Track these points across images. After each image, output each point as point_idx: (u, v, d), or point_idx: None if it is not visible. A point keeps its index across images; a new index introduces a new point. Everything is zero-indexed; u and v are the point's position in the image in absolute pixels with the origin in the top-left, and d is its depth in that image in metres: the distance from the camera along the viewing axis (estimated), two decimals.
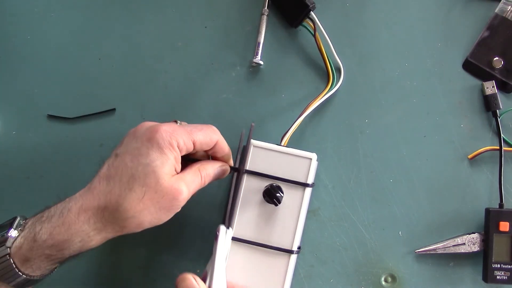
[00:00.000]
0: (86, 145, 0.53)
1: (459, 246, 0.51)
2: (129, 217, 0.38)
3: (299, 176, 0.45)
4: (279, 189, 0.44)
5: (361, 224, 0.52)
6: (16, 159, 0.53)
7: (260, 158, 0.44)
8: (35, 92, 0.54)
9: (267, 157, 0.44)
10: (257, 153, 0.45)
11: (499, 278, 0.50)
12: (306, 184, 0.45)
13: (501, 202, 0.51)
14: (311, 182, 0.45)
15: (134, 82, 0.54)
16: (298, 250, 0.46)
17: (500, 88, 0.52)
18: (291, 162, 0.44)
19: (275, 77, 0.54)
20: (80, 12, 0.55)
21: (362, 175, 0.53)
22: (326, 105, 0.53)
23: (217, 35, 0.54)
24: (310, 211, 0.53)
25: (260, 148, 0.45)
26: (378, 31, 0.54)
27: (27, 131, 0.54)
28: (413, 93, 0.53)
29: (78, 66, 0.54)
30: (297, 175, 0.45)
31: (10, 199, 0.53)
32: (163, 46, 0.54)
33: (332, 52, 0.52)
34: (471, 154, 0.52)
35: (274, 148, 0.45)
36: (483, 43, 0.53)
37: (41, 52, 0.54)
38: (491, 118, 0.53)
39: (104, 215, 0.38)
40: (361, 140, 0.53)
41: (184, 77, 0.54)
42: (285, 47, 0.54)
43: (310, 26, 0.51)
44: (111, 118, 0.54)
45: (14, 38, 0.55)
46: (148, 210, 0.38)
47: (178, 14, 0.55)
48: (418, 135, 0.53)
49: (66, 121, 0.53)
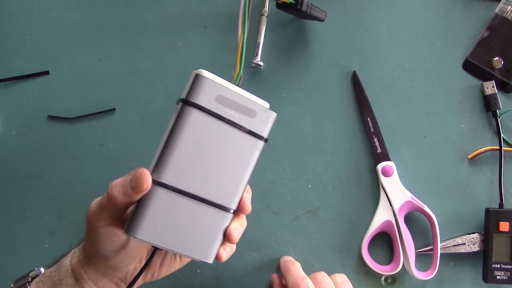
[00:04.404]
0: (86, 145, 0.53)
1: (459, 246, 0.51)
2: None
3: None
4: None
5: (360, 224, 0.52)
6: (16, 159, 0.53)
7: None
8: (35, 92, 0.54)
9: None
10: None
11: (499, 278, 0.50)
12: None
13: (501, 202, 0.51)
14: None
15: (134, 82, 0.54)
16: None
17: (500, 88, 0.52)
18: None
19: (275, 77, 0.54)
20: (80, 12, 0.55)
21: (362, 175, 0.53)
22: (326, 105, 0.53)
23: (217, 35, 0.54)
24: (310, 211, 0.53)
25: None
26: (378, 31, 0.54)
27: (27, 131, 0.54)
28: (413, 93, 0.53)
29: (78, 66, 0.54)
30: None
31: (10, 199, 0.53)
32: (163, 46, 0.54)
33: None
34: (471, 154, 0.52)
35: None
36: (483, 43, 0.53)
37: (41, 52, 0.54)
38: (491, 118, 0.53)
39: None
40: (362, 140, 0.53)
41: (184, 77, 0.54)
42: (285, 48, 0.54)
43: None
44: (111, 118, 0.54)
45: (14, 38, 0.55)
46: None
47: (178, 14, 0.55)
48: (418, 135, 0.53)
49: (66, 121, 0.53)
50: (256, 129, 0.38)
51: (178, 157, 0.35)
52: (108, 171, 0.53)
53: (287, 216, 0.53)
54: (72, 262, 0.39)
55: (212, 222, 0.37)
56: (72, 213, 0.53)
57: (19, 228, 0.53)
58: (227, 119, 0.36)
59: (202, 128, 0.36)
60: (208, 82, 0.36)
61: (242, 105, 0.37)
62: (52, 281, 0.39)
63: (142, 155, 0.53)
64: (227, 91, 0.36)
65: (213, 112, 0.36)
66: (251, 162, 0.38)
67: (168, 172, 0.35)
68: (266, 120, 0.38)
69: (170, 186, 0.35)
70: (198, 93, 0.36)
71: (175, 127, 0.35)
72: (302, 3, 0.46)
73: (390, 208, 0.51)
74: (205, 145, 0.36)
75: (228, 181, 0.37)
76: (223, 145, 0.36)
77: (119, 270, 0.39)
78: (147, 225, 0.35)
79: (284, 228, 0.53)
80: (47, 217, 0.53)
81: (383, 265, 0.52)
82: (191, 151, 0.36)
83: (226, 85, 0.37)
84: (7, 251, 0.53)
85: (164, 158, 0.35)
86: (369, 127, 0.53)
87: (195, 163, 0.36)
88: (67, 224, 0.53)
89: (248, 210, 0.38)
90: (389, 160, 0.52)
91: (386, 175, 0.52)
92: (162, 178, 0.35)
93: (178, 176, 0.35)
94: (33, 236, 0.53)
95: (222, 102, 0.36)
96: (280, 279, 0.50)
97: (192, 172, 0.36)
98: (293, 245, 0.53)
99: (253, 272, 0.53)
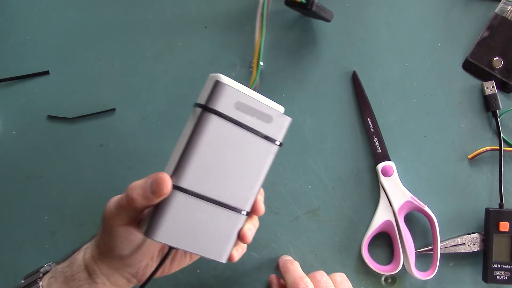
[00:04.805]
0: (86, 145, 0.53)
1: (459, 246, 0.51)
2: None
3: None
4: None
5: (360, 224, 0.52)
6: (16, 159, 0.53)
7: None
8: (35, 92, 0.54)
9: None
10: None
11: (499, 278, 0.50)
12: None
13: (501, 202, 0.51)
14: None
15: (134, 82, 0.54)
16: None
17: (500, 88, 0.52)
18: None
19: (275, 77, 0.54)
20: (80, 12, 0.55)
21: (362, 175, 0.53)
22: (326, 105, 0.53)
23: (217, 35, 0.54)
24: (310, 211, 0.53)
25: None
26: (378, 31, 0.54)
27: (27, 131, 0.54)
28: (413, 93, 0.53)
29: (78, 66, 0.54)
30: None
31: (10, 199, 0.53)
32: (163, 46, 0.54)
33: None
34: (471, 154, 0.52)
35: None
36: (483, 43, 0.53)
37: (41, 52, 0.54)
38: (491, 118, 0.53)
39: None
40: (362, 140, 0.53)
41: (184, 77, 0.54)
42: (285, 48, 0.54)
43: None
44: (111, 118, 0.54)
45: (14, 38, 0.55)
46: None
47: (178, 14, 0.55)
48: (418, 135, 0.53)
49: (66, 121, 0.53)
50: (272, 134, 0.39)
51: (197, 162, 0.36)
52: (108, 171, 0.53)
53: (287, 216, 0.53)
54: (85, 257, 0.40)
55: (227, 224, 0.38)
56: (72, 213, 0.53)
57: (19, 228, 0.53)
58: (245, 125, 0.37)
59: (221, 134, 0.37)
60: (228, 89, 0.36)
61: (259, 111, 0.38)
62: (65, 276, 0.40)
63: (142, 155, 0.53)
64: (246, 98, 0.37)
65: (232, 119, 0.37)
66: (266, 166, 0.39)
67: (187, 177, 0.36)
68: (282, 125, 0.39)
69: (189, 191, 0.36)
70: (218, 100, 0.36)
71: (195, 132, 0.36)
72: (312, 4, 0.47)
73: (390, 208, 0.51)
74: (223, 150, 0.37)
75: (244, 184, 0.38)
76: (240, 150, 0.38)
77: (131, 267, 0.40)
78: (165, 228, 0.36)
79: (284, 228, 0.53)
80: (47, 217, 0.53)
81: (383, 265, 0.52)
82: (210, 156, 0.37)
83: (244, 91, 0.37)
84: (7, 251, 0.53)
85: (184, 163, 0.36)
86: (369, 127, 0.53)
87: (213, 167, 0.37)
88: (67, 224, 0.53)
89: (261, 212, 0.39)
90: (389, 160, 0.52)
91: (386, 175, 0.52)
92: (182, 183, 0.36)
93: (197, 181, 0.36)
94: (33, 236, 0.53)
95: (241, 108, 0.37)
96: (279, 279, 0.50)
97: (209, 176, 0.37)
98: (293, 245, 0.53)
99: (253, 272, 0.53)
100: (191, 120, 0.37)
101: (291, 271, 0.46)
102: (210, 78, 0.38)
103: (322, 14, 0.49)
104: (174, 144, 0.38)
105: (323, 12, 0.49)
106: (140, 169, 0.53)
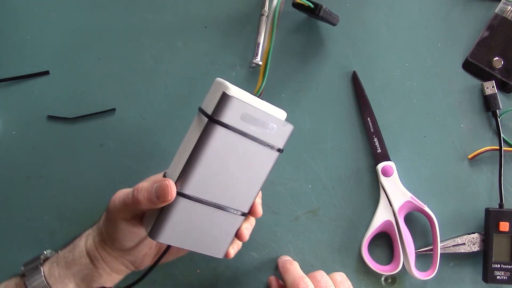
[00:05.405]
0: (86, 145, 0.53)
1: (459, 246, 0.51)
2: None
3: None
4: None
5: (360, 224, 0.52)
6: (16, 159, 0.53)
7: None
8: (35, 92, 0.54)
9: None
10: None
11: (499, 278, 0.50)
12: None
13: (501, 202, 0.51)
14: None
15: (134, 82, 0.54)
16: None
17: (500, 88, 0.52)
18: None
19: (275, 77, 0.54)
20: (80, 12, 0.55)
21: (362, 175, 0.53)
22: (326, 105, 0.53)
23: (217, 35, 0.54)
24: (310, 211, 0.53)
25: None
26: (378, 31, 0.54)
27: (27, 131, 0.54)
28: (413, 93, 0.53)
29: (78, 66, 0.54)
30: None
31: (10, 199, 0.53)
32: (163, 46, 0.54)
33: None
34: (471, 154, 0.52)
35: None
36: (483, 43, 0.53)
37: (41, 52, 0.54)
38: (491, 118, 0.53)
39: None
40: (362, 140, 0.53)
41: (184, 77, 0.54)
42: (285, 48, 0.54)
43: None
44: (111, 118, 0.54)
45: (14, 38, 0.55)
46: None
47: (178, 14, 0.55)
48: (418, 135, 0.53)
49: (66, 121, 0.53)
50: (275, 142, 0.40)
51: (201, 171, 0.38)
52: (108, 171, 0.53)
53: (287, 216, 0.53)
54: (87, 243, 0.43)
55: (226, 225, 0.40)
56: (72, 213, 0.53)
57: (19, 228, 0.53)
58: (250, 135, 0.38)
59: (225, 143, 0.38)
60: (235, 102, 0.37)
61: (263, 121, 0.39)
62: (67, 261, 0.42)
63: (142, 155, 0.53)
64: (251, 109, 0.38)
65: (238, 130, 0.38)
66: (266, 171, 0.41)
67: (191, 184, 0.38)
68: (284, 133, 0.40)
69: (192, 197, 0.38)
70: (225, 113, 0.37)
71: (201, 142, 0.37)
72: (320, 9, 0.48)
73: (390, 208, 0.51)
74: (227, 158, 0.38)
75: (244, 189, 0.40)
76: (243, 158, 0.39)
77: (131, 255, 0.43)
78: (168, 230, 0.38)
79: (284, 228, 0.53)
80: (47, 217, 0.53)
81: (383, 265, 0.52)
82: (214, 165, 0.38)
83: (250, 101, 0.38)
84: (7, 251, 0.53)
85: (189, 171, 0.37)
86: (369, 127, 0.53)
87: (216, 175, 0.38)
88: (67, 224, 0.53)
89: (259, 214, 0.42)
90: (389, 160, 0.52)
91: (386, 175, 0.52)
92: (186, 190, 0.38)
93: (200, 188, 0.38)
94: (33, 236, 0.53)
95: (246, 119, 0.38)
96: (278, 281, 0.50)
97: (212, 183, 0.39)
98: (293, 245, 0.53)
99: (253, 272, 0.53)
100: (197, 126, 0.39)
101: (290, 271, 0.46)
102: (216, 85, 0.39)
103: (329, 18, 0.49)
104: (174, 144, 0.38)
105: (329, 17, 0.49)
106: (140, 169, 0.53)
